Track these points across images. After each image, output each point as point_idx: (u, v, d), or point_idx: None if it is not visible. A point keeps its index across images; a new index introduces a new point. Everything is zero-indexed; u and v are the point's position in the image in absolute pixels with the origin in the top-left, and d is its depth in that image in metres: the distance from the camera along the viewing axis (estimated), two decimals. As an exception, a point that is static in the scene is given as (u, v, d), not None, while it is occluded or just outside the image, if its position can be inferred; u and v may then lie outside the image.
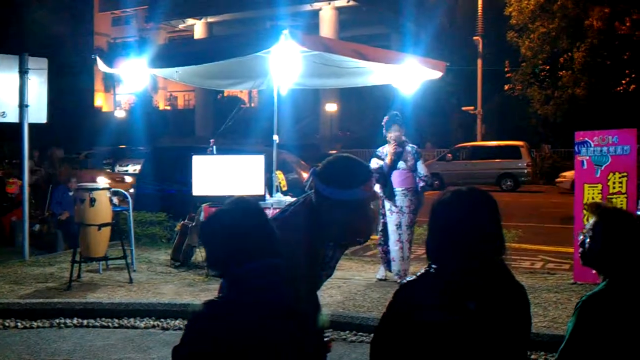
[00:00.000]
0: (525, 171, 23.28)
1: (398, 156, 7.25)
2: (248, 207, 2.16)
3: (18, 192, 10.44)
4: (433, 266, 2.16)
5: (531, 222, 13.62)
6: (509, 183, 23.26)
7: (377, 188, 7.41)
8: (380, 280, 7.44)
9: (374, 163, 7.30)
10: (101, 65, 7.99)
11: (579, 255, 2.49)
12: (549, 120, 26.32)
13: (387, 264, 7.43)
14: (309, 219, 2.55)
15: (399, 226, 7.23)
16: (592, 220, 2.43)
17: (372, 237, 9.53)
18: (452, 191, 2.23)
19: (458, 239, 2.11)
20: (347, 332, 5.83)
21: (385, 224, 7.37)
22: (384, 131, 7.37)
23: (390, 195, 7.22)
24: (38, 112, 9.11)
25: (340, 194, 2.45)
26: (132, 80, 8.04)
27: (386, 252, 7.40)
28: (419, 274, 2.18)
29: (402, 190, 7.23)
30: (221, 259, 2.09)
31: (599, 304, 2.31)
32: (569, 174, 18.31)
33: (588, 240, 2.41)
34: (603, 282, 2.39)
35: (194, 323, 2.00)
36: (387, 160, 7.25)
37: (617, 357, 2.25)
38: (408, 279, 2.25)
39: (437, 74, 8.19)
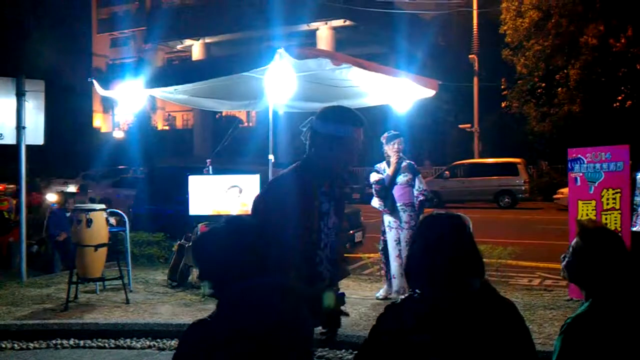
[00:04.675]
0: (523, 188, 23.32)
1: (399, 169, 7.22)
2: (240, 226, 2.18)
3: (12, 210, 10.45)
4: (417, 290, 2.17)
5: (530, 239, 13.63)
6: (507, 200, 23.29)
7: (376, 203, 7.40)
8: (379, 299, 7.38)
9: (374, 177, 7.29)
10: (98, 89, 8.04)
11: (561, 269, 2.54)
12: (545, 136, 26.40)
13: (389, 282, 7.38)
14: (299, 167, 2.95)
15: (398, 242, 7.17)
16: (575, 239, 2.47)
17: (369, 255, 9.58)
18: (425, 218, 2.32)
19: (434, 266, 2.14)
20: (344, 350, 5.82)
21: (385, 241, 7.36)
22: (384, 146, 7.35)
23: (392, 208, 7.18)
24: (35, 134, 9.16)
25: (335, 129, 2.90)
26: (128, 102, 8.09)
27: (388, 271, 7.35)
28: (403, 297, 2.21)
29: (401, 205, 7.19)
30: (213, 277, 2.11)
31: (584, 325, 2.32)
32: (567, 190, 18.32)
33: (568, 258, 2.45)
34: (587, 301, 2.41)
35: (184, 342, 2.03)
36: (390, 171, 7.19)
37: None
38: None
39: (431, 92, 8.23)
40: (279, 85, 6.73)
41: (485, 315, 2.11)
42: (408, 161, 7.36)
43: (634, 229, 6.56)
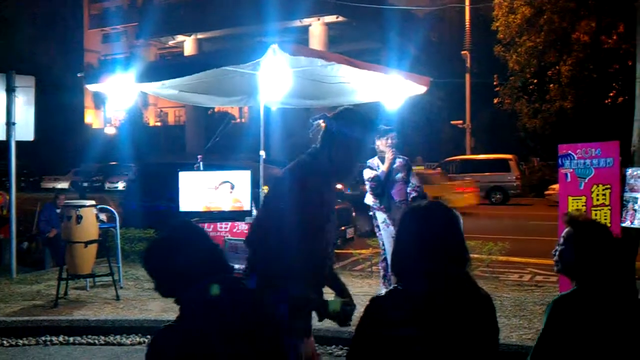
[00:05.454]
0: (515, 184, 23.40)
1: (394, 165, 6.96)
2: (187, 230, 2.17)
3: (6, 206, 10.39)
4: (400, 283, 2.19)
5: (521, 234, 13.68)
6: (498, 196, 23.35)
7: (370, 200, 7.22)
8: None
9: (368, 173, 7.06)
10: (87, 84, 7.98)
11: (554, 262, 2.57)
12: (537, 133, 26.48)
13: (388, 281, 7.20)
14: (308, 167, 2.86)
15: None
16: (565, 230, 2.50)
17: (361, 251, 9.58)
18: (412, 207, 2.28)
19: (420, 256, 2.14)
20: (334, 346, 5.83)
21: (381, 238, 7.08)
22: (376, 141, 6.89)
23: (388, 205, 6.90)
24: (25, 130, 9.11)
25: (357, 132, 2.83)
26: (118, 97, 8.03)
27: (385, 268, 7.19)
28: (388, 290, 2.21)
29: (397, 202, 6.90)
30: (172, 283, 2.09)
31: (569, 304, 2.39)
32: (558, 186, 18.38)
33: (561, 248, 2.49)
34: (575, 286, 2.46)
35: (155, 351, 2.01)
36: (384, 167, 6.91)
37: (585, 355, 2.31)
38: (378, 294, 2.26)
39: (422, 89, 8.20)
40: (272, 81, 6.68)
41: (468, 305, 2.14)
42: (403, 157, 7.10)
43: (624, 224, 6.57)
